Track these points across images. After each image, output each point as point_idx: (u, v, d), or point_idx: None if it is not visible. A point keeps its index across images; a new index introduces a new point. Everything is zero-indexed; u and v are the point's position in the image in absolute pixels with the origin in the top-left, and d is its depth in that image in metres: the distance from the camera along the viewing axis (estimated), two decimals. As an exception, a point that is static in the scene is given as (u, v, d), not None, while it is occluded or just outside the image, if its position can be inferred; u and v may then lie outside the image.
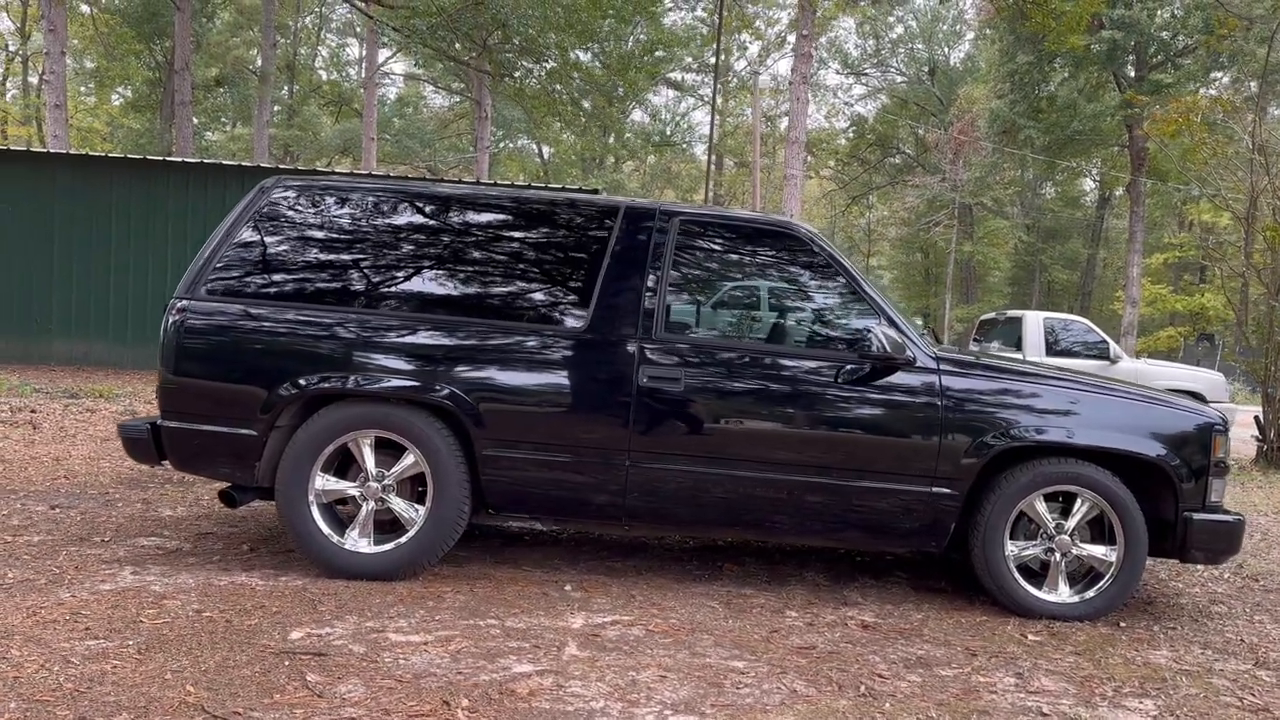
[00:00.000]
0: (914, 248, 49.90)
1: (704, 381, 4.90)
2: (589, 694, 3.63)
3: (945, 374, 4.91)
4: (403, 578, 4.91)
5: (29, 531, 5.59)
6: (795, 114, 28.36)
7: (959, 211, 42.48)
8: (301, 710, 3.35)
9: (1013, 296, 47.26)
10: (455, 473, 4.88)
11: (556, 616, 4.52)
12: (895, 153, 48.90)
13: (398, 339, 4.91)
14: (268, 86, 32.66)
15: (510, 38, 15.85)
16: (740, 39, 47.51)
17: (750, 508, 4.94)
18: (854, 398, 4.89)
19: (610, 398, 4.88)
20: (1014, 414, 4.88)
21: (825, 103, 50.82)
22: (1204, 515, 4.88)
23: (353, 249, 5.10)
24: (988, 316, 15.89)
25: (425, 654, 3.95)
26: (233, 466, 4.97)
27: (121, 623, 4.12)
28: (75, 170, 16.50)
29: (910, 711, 3.63)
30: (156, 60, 36.96)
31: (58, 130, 29.08)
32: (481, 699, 3.53)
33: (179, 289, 5.02)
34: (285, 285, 5.01)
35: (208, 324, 4.93)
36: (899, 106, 47.64)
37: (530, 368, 4.89)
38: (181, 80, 29.59)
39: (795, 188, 27.79)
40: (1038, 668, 4.18)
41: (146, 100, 38.29)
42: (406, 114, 44.59)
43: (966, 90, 40.12)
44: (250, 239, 5.07)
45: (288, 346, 4.89)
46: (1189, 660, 4.41)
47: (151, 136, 38.28)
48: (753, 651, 4.21)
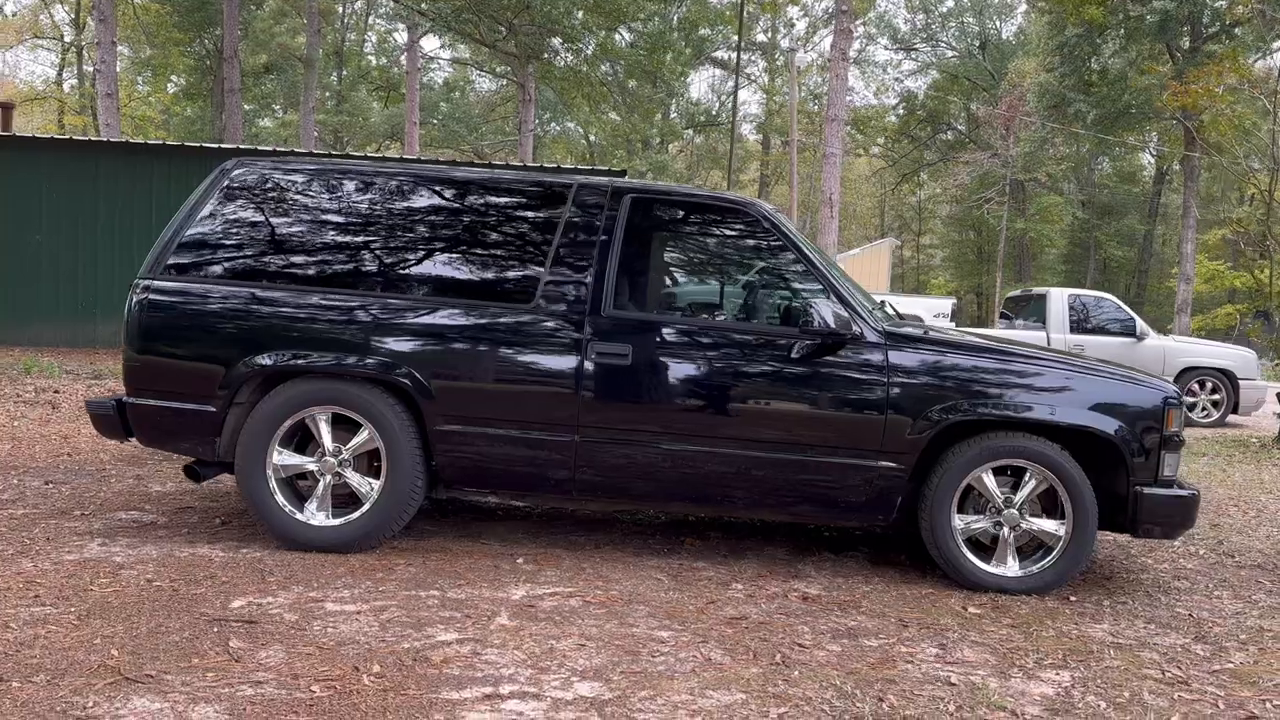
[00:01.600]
0: (966, 225, 49.18)
1: (651, 357, 4.95)
2: (502, 661, 3.71)
3: (892, 349, 4.90)
4: (359, 550, 5.03)
5: (15, 505, 5.81)
6: (835, 91, 28.11)
7: (1011, 188, 41.80)
8: (214, 674, 3.47)
9: (1067, 274, 46.41)
10: (408, 448, 4.98)
11: (499, 588, 4.61)
12: (946, 129, 48.19)
13: (350, 317, 5.01)
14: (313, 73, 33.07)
15: (535, 19, 15.89)
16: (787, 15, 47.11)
17: (698, 482, 4.98)
18: (798, 373, 4.90)
19: (558, 374, 4.94)
20: (961, 389, 4.86)
21: (874, 79, 50.19)
22: (1155, 489, 4.83)
23: (309, 229, 5.21)
24: (1014, 294, 15.73)
25: (355, 622, 4.06)
26: (194, 442, 5.12)
27: (71, 591, 4.29)
28: (119, 157, 16.90)
29: (816, 679, 3.66)
30: (206, 48, 37.60)
31: (109, 118, 29.79)
32: (393, 665, 3.62)
33: (142, 269, 5.17)
34: (243, 264, 5.14)
35: (168, 303, 5.07)
36: (949, 82, 46.91)
37: (480, 344, 4.97)
38: (230, 68, 30.14)
39: (834, 165, 27.58)
40: (965, 639, 4.19)
41: (198, 88, 38.98)
42: (453, 98, 44.89)
43: (1017, 64, 39.36)
44: (211, 219, 5.20)
45: (244, 325, 5.02)
46: (1127, 634, 4.37)
47: (203, 124, 38.99)
48: (682, 622, 4.26)
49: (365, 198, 5.27)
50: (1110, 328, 13.48)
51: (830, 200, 27.26)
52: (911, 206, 53.04)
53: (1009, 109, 36.95)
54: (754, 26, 47.86)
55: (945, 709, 3.45)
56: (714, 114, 46.79)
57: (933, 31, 47.02)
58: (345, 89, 43.05)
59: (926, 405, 4.84)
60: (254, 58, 36.70)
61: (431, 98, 43.79)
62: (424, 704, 3.30)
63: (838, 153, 27.68)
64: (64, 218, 16.37)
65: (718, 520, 6.19)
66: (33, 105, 39.55)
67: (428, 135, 42.15)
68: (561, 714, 3.28)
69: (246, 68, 36.06)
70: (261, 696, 3.30)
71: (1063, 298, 13.61)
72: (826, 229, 27.41)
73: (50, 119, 39.19)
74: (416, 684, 3.47)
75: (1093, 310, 13.66)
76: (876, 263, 32.11)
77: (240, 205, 5.24)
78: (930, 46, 47.68)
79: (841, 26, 27.70)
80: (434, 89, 44.86)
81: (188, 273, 5.12)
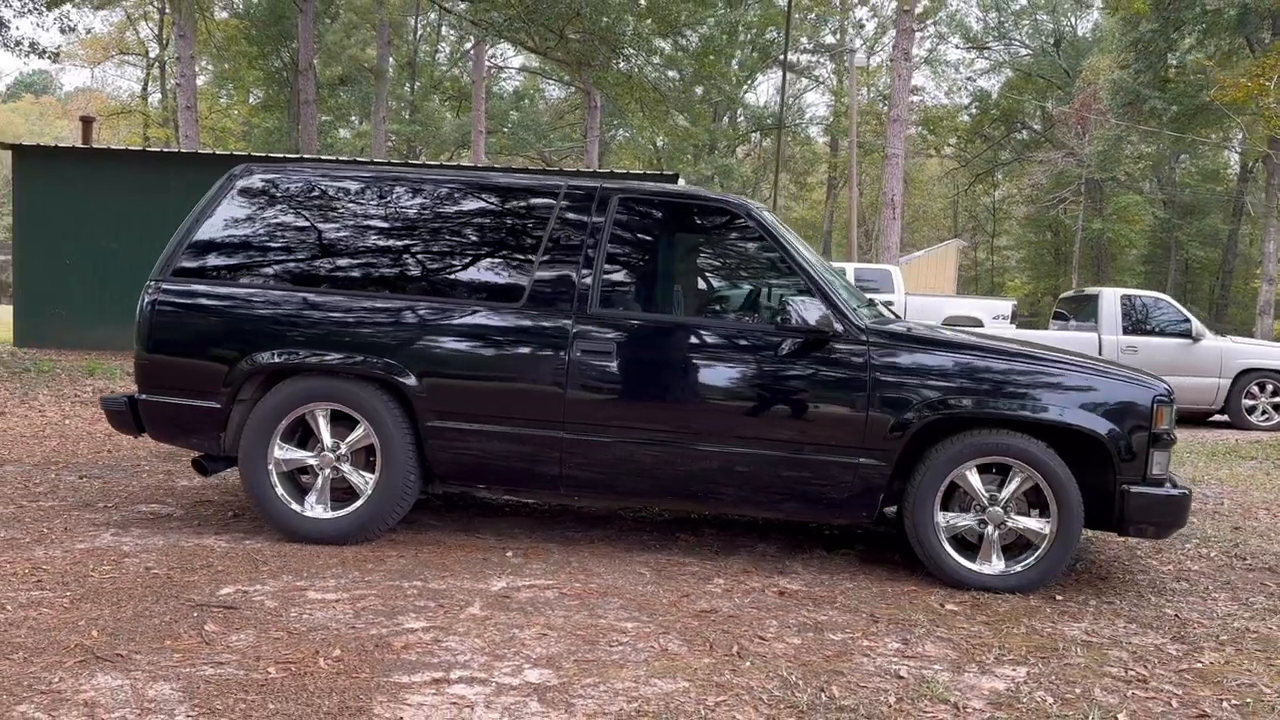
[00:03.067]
0: (1042, 226, 48.19)
1: (634, 355, 5.03)
2: (460, 648, 3.82)
3: (875, 346, 4.91)
4: (354, 542, 5.19)
5: (46, 498, 6.10)
6: (897, 91, 27.89)
7: (1087, 187, 40.87)
8: (181, 655, 3.64)
9: (1147, 275, 45.19)
10: (401, 443, 5.13)
11: (481, 580, 4.73)
12: (1020, 128, 47.31)
13: (348, 316, 5.18)
14: (384, 84, 33.83)
15: (586, 27, 16.06)
16: (856, 17, 46.74)
17: (684, 478, 5.05)
18: (779, 370, 4.93)
19: (546, 371, 5.05)
20: (944, 386, 4.85)
21: (946, 79, 49.50)
22: (1143, 488, 4.76)
23: (308, 232, 5.39)
24: (1067, 295, 15.45)
25: (331, 610, 4.20)
26: (201, 437, 5.34)
27: (72, 576, 4.51)
28: (189, 168, 17.50)
29: (764, 670, 3.70)
30: (283, 60, 38.64)
31: (188, 130, 30.82)
32: (354, 650, 3.75)
33: (153, 271, 5.40)
34: (246, 266, 5.34)
35: (176, 304, 5.29)
36: (1023, 80, 46.06)
37: (469, 343, 5.10)
38: (305, 80, 31.00)
39: (896, 166, 27.36)
40: (931, 634, 4.19)
41: (276, 100, 40.05)
42: (523, 106, 45.43)
43: (1091, 61, 38.51)
44: (217, 224, 5.41)
45: (246, 324, 5.22)
46: (1103, 633, 4.32)
47: (281, 135, 40.04)
48: (651, 614, 4.32)
49: (361, 201, 5.44)
50: (1165, 329, 13.16)
51: (892, 201, 27.05)
52: (985, 207, 52.12)
53: (1082, 107, 36.14)
54: (822, 28, 47.63)
55: (886, 700, 3.47)
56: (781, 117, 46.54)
57: (1005, 30, 46.21)
58: (418, 99, 43.85)
59: (908, 402, 4.84)
60: (328, 70, 37.59)
61: (501, 106, 44.37)
62: (371, 686, 3.42)
63: (900, 153, 27.46)
64: (136, 226, 16.98)
65: (715, 518, 6.23)
66: (118, 119, 41.05)
67: (497, 143, 42.71)
68: (503, 698, 3.38)
69: (322, 80, 37.02)
70: (219, 676, 3.45)
71: (1115, 298, 13.32)
72: (889, 230, 27.20)
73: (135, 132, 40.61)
74: (371, 668, 3.59)
75: (1146, 311, 13.35)
76: (943, 264, 31.70)
77: (244, 210, 5.44)
78: (1003, 45, 46.86)
79: (904, 26, 27.50)
80: (504, 98, 45.44)
81: (194, 275, 5.33)
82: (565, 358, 5.03)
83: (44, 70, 63.39)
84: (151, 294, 5.34)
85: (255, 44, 37.67)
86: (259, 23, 37.46)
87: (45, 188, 17.07)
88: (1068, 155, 39.29)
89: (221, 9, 39.92)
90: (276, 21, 36.63)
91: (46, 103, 63.26)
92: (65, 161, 17.51)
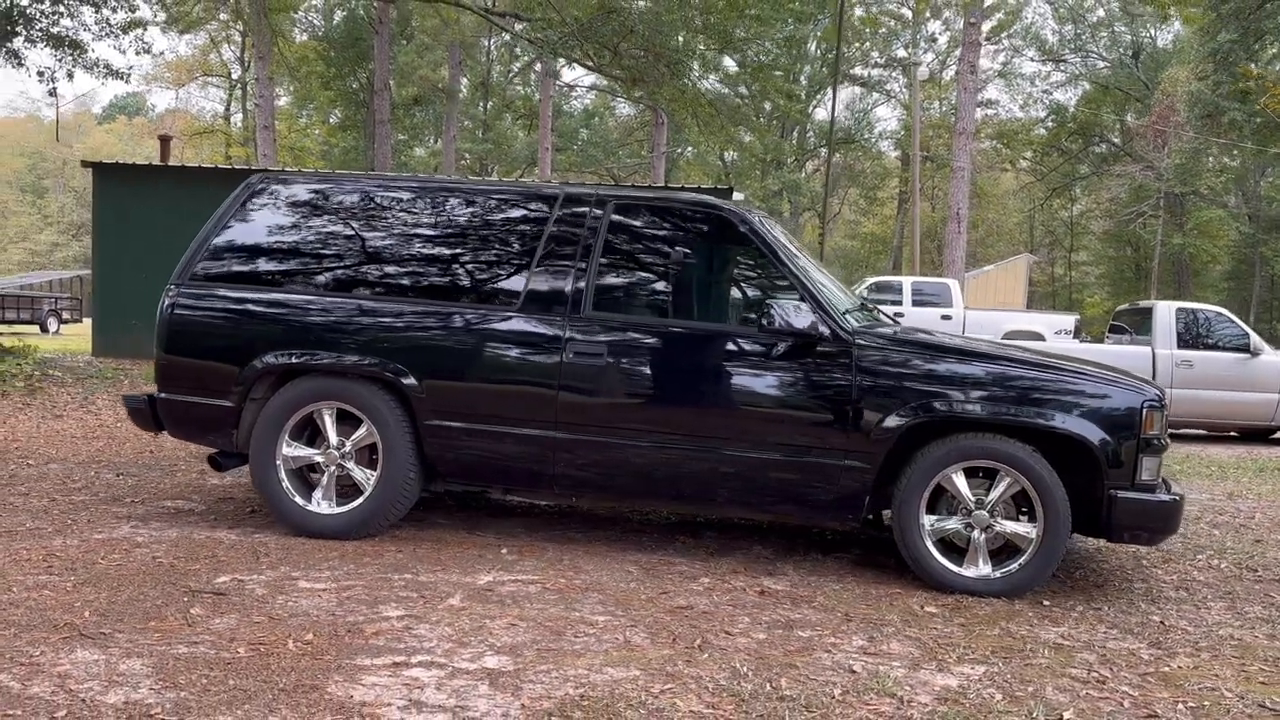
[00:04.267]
0: (1121, 241, 47.12)
1: (625, 357, 5.13)
2: (429, 635, 3.95)
3: (860, 350, 4.94)
4: (356, 536, 5.36)
5: (80, 492, 6.40)
6: (963, 104, 27.68)
7: (1167, 201, 39.89)
8: (160, 635, 3.82)
9: (1230, 292, 43.89)
10: (401, 442, 5.30)
11: (470, 574, 4.86)
12: (1099, 141, 46.36)
13: (351, 318, 5.37)
14: (454, 104, 34.50)
15: (639, 44, 16.25)
16: (927, 30, 46.35)
17: (674, 479, 5.13)
18: (766, 372, 5.00)
19: (538, 372, 5.17)
20: (929, 390, 4.86)
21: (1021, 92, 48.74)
22: (1131, 493, 4.71)
23: (316, 238, 5.61)
24: (1123, 308, 15.16)
25: (316, 598, 4.37)
26: (215, 434, 5.57)
27: (81, 564, 4.75)
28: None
29: (719, 662, 3.77)
30: (360, 82, 39.58)
31: (266, 149, 31.70)
32: (326, 634, 3.91)
33: (173, 275, 5.66)
34: (258, 271, 5.57)
35: (192, 306, 5.54)
36: (1101, 93, 45.14)
37: (466, 344, 5.26)
38: (380, 100, 31.75)
39: (962, 180, 27.13)
40: (900, 634, 4.20)
41: (353, 120, 41.01)
42: (593, 124, 45.89)
43: (1170, 73, 37.60)
44: (232, 231, 5.66)
45: (256, 326, 5.44)
46: (1080, 637, 4.29)
47: (357, 154, 40.97)
48: (626, 609, 4.41)
49: (368, 209, 5.64)
50: (1221, 343, 12.84)
51: (957, 215, 26.79)
52: (1063, 222, 51.08)
53: (1159, 119, 35.33)
54: (894, 42, 47.31)
55: (830, 692, 3.51)
56: (851, 131, 46.35)
57: (1082, 42, 45.35)
58: (491, 118, 44.56)
59: (892, 405, 4.86)
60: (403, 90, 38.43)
61: (571, 124, 44.86)
62: (331, 667, 3.56)
63: (965, 167, 27.20)
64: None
65: (717, 522, 6.26)
66: (201, 138, 42.47)
67: (566, 160, 43.19)
68: (455, 681, 3.50)
69: (397, 100, 37.89)
70: (190, 655, 3.62)
71: (1170, 311, 13.04)
72: (953, 244, 26.92)
73: (218, 151, 41.97)
74: (337, 651, 3.74)
75: (1203, 325, 13.04)
76: (1012, 279, 31.19)
77: (258, 217, 5.68)
78: (1080, 57, 45.99)
79: (970, 39, 27.30)
80: (574, 116, 45.95)
81: (210, 279, 5.58)
82: (558, 360, 5.15)
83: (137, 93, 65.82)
84: (170, 297, 5.59)
85: (333, 65, 38.68)
86: (337, 45, 38.47)
87: (123, 204, 17.76)
88: (1146, 169, 38.41)
89: (302, 32, 41.19)
90: (354, 43, 37.55)
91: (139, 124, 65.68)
92: (142, 179, 18.18)
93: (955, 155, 27.93)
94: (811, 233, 51.95)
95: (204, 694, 3.29)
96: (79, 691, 3.27)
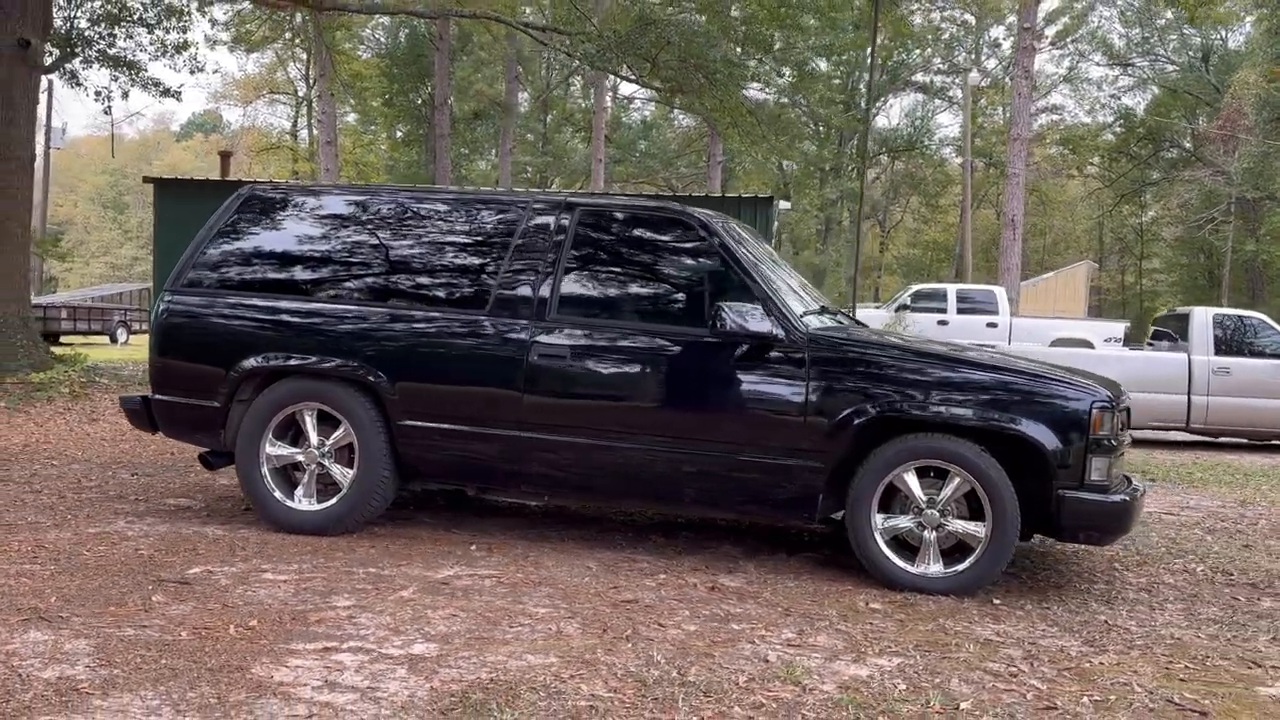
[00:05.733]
0: (1193, 248, 45.99)
1: (586, 360, 5.27)
2: (369, 623, 4.12)
3: (813, 351, 5.02)
4: (334, 532, 5.57)
5: (91, 491, 6.72)
6: (1018, 110, 27.37)
7: (1239, 207, 38.87)
8: (114, 619, 4.05)
9: (1307, 299, 42.56)
10: (376, 441, 5.50)
11: (432, 569, 5.02)
12: (1169, 146, 45.32)
13: (329, 322, 5.59)
14: (511, 118, 35.03)
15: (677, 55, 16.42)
16: (990, 36, 45.81)
17: (634, 478, 5.25)
18: (722, 373, 5.10)
19: (504, 373, 5.34)
20: (879, 390, 4.93)
21: (1087, 97, 47.89)
22: (1079, 493, 4.72)
23: (302, 246, 5.85)
24: (1162, 314, 14.90)
25: (275, 588, 4.57)
26: (204, 434, 5.83)
27: (66, 555, 5.02)
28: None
29: (639, 651, 3.88)
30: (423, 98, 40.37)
31: (328, 164, 32.47)
32: (271, 621, 4.10)
33: (166, 282, 5.94)
34: (244, 278, 5.82)
35: (182, 311, 5.81)
36: (1170, 97, 44.17)
37: (435, 346, 5.45)
38: (441, 115, 32.39)
39: (1017, 186, 26.77)
40: (832, 628, 4.27)
41: (415, 135, 41.83)
42: (651, 135, 46.17)
43: (1239, 75, 36.67)
44: (222, 239, 5.92)
45: (241, 330, 5.69)
46: (1014, 633, 4.32)
47: (420, 168, 41.75)
48: (571, 602, 4.54)
49: (349, 218, 5.86)
50: (1261, 348, 12.55)
51: (1012, 222, 26.43)
52: (1133, 229, 50.00)
53: (1227, 123, 34.49)
54: (955, 48, 46.82)
55: (735, 680, 3.60)
56: (912, 138, 45.96)
57: (1150, 45, 44.42)
58: (551, 131, 45.08)
59: (844, 406, 4.93)
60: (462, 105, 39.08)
61: (630, 135, 45.17)
62: (263, 650, 3.75)
63: (1020, 173, 26.84)
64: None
65: (699, 521, 6.35)
66: (268, 154, 43.62)
67: (625, 171, 43.50)
68: (376, 665, 3.66)
69: (459, 115, 38.58)
70: (134, 637, 3.84)
71: (1206, 317, 12.79)
72: (1008, 251, 26.56)
73: (284, 167, 43.05)
74: (274, 636, 3.92)
75: (1242, 331, 12.76)
76: (1071, 286, 30.70)
77: (246, 226, 5.93)
78: (1148, 61, 45.05)
79: (1024, 44, 26.98)
80: (633, 128, 46.27)
81: (201, 286, 5.84)
82: (523, 361, 5.31)
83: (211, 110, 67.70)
84: (164, 303, 5.87)
85: (396, 81, 39.52)
86: (400, 61, 39.29)
87: (181, 218, 18.38)
88: (1216, 174, 37.49)
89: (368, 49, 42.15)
90: (416, 60, 38.34)
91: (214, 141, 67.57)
92: (199, 193, 18.78)
93: (1010, 161, 27.56)
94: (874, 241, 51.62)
95: (134, 672, 3.50)
96: (20, 667, 3.50)
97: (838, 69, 38.60)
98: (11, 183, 12.34)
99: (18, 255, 12.46)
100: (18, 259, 12.46)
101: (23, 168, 12.48)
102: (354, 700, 3.34)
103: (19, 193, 12.43)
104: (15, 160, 12.38)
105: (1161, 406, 12.32)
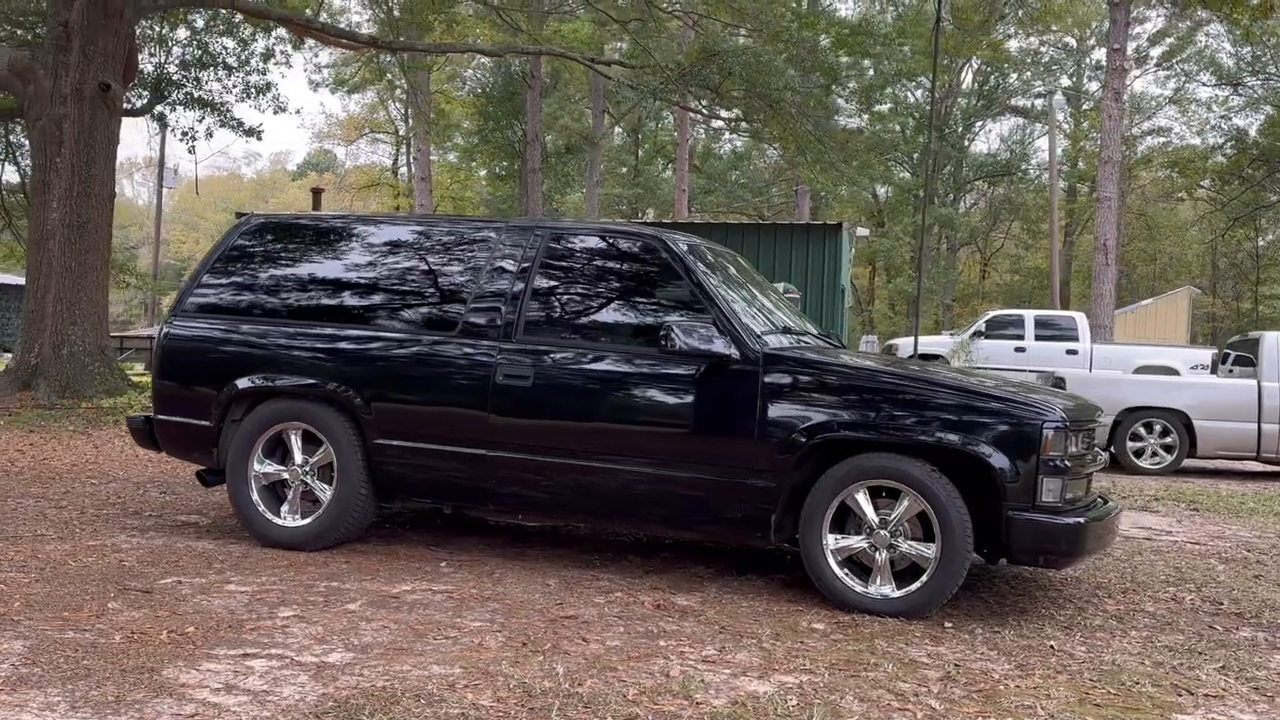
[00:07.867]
0: (1315, 272, 43.92)
1: (550, 381, 5.36)
2: (299, 633, 4.25)
3: (767, 372, 5.01)
4: (313, 548, 5.74)
5: (114, 507, 7.05)
6: (1107, 132, 26.73)
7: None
8: (62, 623, 4.26)
9: None
10: (353, 460, 5.67)
11: (391, 583, 5.14)
12: (1286, 167, 43.39)
13: (312, 344, 5.80)
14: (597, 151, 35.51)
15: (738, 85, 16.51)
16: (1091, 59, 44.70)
17: (595, 497, 5.31)
18: (678, 393, 5.13)
19: (474, 394, 5.46)
20: (829, 411, 4.89)
21: (1196, 118, 46.24)
22: (1028, 515, 4.59)
23: (292, 272, 6.09)
24: (1234, 339, 14.33)
25: (229, 599, 4.74)
26: (199, 452, 6.09)
27: (52, 565, 5.28)
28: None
29: (545, 665, 3.91)
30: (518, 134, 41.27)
31: (423, 199, 33.43)
32: (206, 628, 4.26)
33: (169, 308, 6.24)
34: (239, 303, 6.08)
35: (180, 336, 6.09)
36: (1286, 115, 42.33)
37: (407, 368, 5.61)
38: (533, 150, 33.11)
39: (1109, 210, 26.12)
40: (757, 647, 4.24)
41: (510, 170, 42.76)
42: (742, 165, 46.25)
43: (1357, 90, 35.00)
44: (220, 266, 6.20)
45: (233, 353, 5.94)
46: (945, 655, 4.22)
47: (512, 202, 42.62)
48: (509, 617, 4.60)
49: (336, 245, 6.09)
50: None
51: (1104, 247, 25.73)
52: (1249, 254, 47.96)
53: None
54: (1058, 71, 45.83)
55: (623, 693, 3.61)
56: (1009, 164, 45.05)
57: (1262, 64, 42.73)
58: (642, 164, 45.54)
59: (795, 425, 4.91)
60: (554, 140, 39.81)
61: (720, 166, 45.33)
62: (182, 655, 3.90)
63: (1112, 197, 26.17)
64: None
65: (687, 543, 6.34)
66: (368, 191, 45.10)
67: (715, 200, 43.62)
68: (283, 671, 3.78)
69: (551, 149, 39.33)
70: (69, 639, 4.03)
71: (1275, 342, 12.25)
72: (1101, 277, 25.86)
73: (385, 202, 44.46)
74: (202, 642, 4.08)
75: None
76: (1172, 313, 29.61)
77: (242, 254, 6.20)
78: (1260, 80, 43.32)
79: (1114, 65, 26.37)
80: (723, 158, 46.42)
81: (199, 310, 6.12)
82: (489, 382, 5.42)
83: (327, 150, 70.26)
84: (165, 327, 6.17)
85: (491, 119, 40.53)
86: (494, 99, 40.29)
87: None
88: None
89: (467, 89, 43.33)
90: (510, 97, 39.29)
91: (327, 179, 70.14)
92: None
93: (1101, 185, 26.91)
94: (973, 268, 50.62)
95: (52, 671, 3.68)
96: (-52, 664, 3.71)
97: (916, 92, 38.06)
98: (92, 218, 13.04)
99: (97, 287, 13.14)
100: (97, 291, 13.14)
101: (102, 203, 13.19)
102: (243, 703, 3.46)
103: (99, 228, 13.13)
104: (96, 197, 13.09)
105: (1230, 435, 11.82)
